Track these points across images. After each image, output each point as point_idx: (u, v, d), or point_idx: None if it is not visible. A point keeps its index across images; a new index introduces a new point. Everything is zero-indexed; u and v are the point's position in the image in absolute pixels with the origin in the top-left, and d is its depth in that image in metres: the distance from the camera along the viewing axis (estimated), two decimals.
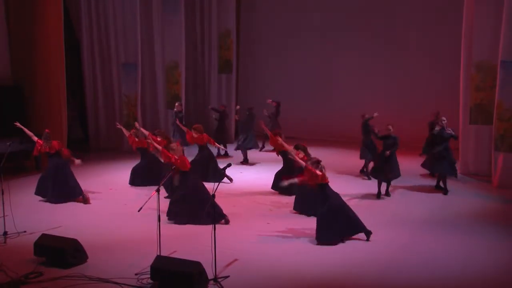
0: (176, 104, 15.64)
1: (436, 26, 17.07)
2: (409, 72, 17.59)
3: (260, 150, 16.52)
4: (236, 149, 15.21)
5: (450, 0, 16.17)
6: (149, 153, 12.28)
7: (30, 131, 11.18)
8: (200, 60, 19.38)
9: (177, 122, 14.91)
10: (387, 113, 16.02)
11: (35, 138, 11.03)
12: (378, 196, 11.35)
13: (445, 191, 11.67)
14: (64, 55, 14.60)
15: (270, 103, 16.55)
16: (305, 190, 9.71)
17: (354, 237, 8.75)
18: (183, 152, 9.91)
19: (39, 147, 10.92)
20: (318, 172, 8.51)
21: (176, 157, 9.58)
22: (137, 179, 12.28)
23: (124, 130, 12.73)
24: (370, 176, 12.32)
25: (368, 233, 8.72)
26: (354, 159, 13.77)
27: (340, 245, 8.53)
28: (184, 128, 13.78)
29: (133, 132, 12.34)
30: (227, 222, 9.53)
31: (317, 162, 8.65)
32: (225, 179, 12.44)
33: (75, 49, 16.78)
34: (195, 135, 12.56)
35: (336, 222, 8.55)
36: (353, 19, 18.29)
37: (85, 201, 10.92)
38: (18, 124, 11.20)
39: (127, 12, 16.35)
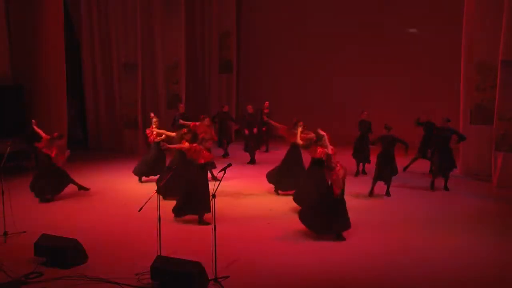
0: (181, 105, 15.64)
1: (436, 26, 17.06)
2: (409, 72, 17.57)
3: (266, 151, 16.55)
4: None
5: (451, 0, 16.16)
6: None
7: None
8: (200, 60, 19.37)
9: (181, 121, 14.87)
10: (387, 113, 16.04)
11: (44, 135, 11.10)
12: (371, 193, 11.36)
13: (431, 186, 11.94)
14: (64, 55, 14.61)
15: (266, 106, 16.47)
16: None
17: (354, 237, 8.75)
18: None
19: (43, 145, 10.97)
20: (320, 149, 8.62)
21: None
22: None
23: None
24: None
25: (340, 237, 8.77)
26: (353, 159, 13.75)
27: (340, 245, 8.54)
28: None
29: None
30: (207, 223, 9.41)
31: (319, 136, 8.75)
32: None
33: (75, 49, 16.79)
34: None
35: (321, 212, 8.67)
36: (353, 19, 18.27)
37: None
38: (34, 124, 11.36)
39: (127, 12, 16.35)
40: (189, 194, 9.54)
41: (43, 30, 14.21)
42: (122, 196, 11.52)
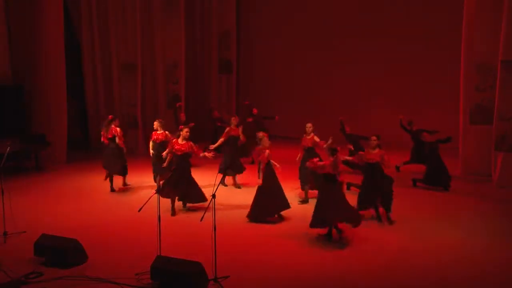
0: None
1: (436, 26, 17.05)
2: (408, 72, 17.57)
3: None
4: None
5: (451, 0, 16.16)
6: None
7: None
8: (200, 60, 19.38)
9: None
10: (387, 114, 16.04)
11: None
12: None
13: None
14: (64, 55, 14.61)
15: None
16: None
17: (353, 238, 8.76)
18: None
19: (104, 135, 11.62)
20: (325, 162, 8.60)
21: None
22: None
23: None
24: None
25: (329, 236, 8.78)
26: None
27: (340, 245, 8.53)
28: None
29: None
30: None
31: (333, 150, 8.70)
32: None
33: (75, 49, 16.79)
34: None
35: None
36: (353, 19, 18.27)
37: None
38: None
39: (127, 12, 16.36)
40: (265, 196, 9.59)
41: (43, 30, 14.22)
42: (122, 196, 11.53)
